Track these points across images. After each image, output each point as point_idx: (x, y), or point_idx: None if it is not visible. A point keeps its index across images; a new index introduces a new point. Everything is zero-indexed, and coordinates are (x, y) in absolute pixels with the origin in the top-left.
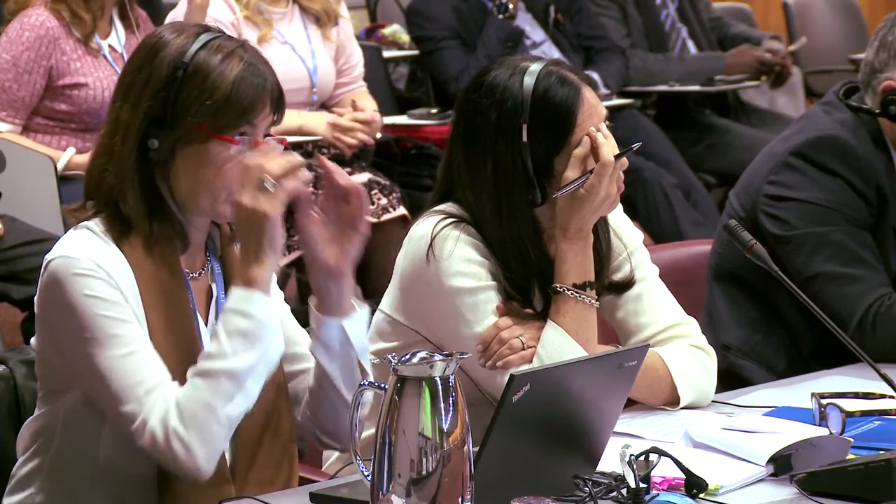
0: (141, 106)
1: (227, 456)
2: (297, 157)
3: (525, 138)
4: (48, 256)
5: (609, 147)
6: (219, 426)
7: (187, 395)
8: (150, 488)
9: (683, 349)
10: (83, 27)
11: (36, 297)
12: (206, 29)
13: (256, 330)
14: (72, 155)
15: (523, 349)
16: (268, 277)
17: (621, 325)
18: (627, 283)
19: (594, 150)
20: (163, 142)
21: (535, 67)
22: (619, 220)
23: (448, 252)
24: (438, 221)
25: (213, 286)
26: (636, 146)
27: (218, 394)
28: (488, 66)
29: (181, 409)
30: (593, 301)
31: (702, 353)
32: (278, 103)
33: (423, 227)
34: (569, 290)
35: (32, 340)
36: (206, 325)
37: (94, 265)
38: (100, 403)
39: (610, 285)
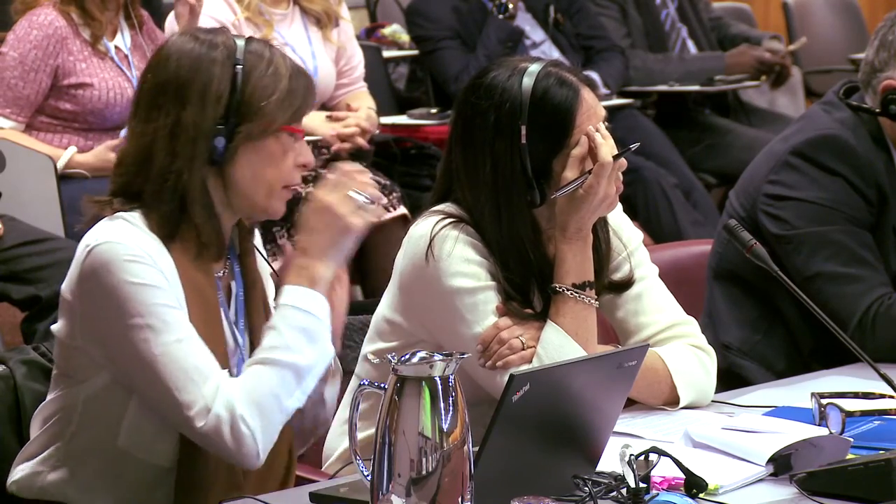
0: (208, 107)
1: None
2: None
3: (523, 139)
4: (88, 242)
5: (607, 147)
6: (281, 416)
7: (253, 381)
8: (165, 481)
9: (683, 349)
10: (97, 27)
11: (69, 283)
12: (225, 30)
13: (317, 329)
14: (73, 154)
15: (523, 349)
16: (328, 281)
17: (621, 324)
18: (627, 283)
19: (592, 151)
20: (229, 140)
21: (534, 68)
22: (618, 220)
23: (447, 252)
24: (437, 221)
25: (233, 284)
26: (634, 146)
27: (283, 384)
28: (487, 67)
29: (249, 396)
30: (593, 301)
31: (701, 353)
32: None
33: (422, 227)
34: (568, 290)
35: (53, 327)
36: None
37: (141, 251)
38: (146, 391)
39: (609, 285)
